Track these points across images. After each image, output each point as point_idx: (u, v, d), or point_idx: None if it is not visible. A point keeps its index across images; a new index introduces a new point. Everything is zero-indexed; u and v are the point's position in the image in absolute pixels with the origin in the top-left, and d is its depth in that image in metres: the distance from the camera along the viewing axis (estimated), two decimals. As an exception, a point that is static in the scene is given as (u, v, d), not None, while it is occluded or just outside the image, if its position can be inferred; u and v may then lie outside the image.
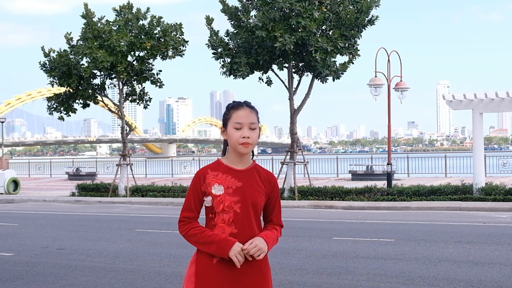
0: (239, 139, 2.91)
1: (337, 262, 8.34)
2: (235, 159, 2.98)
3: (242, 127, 2.92)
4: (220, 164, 2.98)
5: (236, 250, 2.83)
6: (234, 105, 3.02)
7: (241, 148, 2.92)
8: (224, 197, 2.90)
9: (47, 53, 21.79)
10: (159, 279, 7.40)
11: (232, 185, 2.92)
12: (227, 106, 3.06)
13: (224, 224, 2.90)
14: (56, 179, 36.23)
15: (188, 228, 2.93)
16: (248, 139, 2.92)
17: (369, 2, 18.05)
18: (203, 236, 2.88)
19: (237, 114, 2.95)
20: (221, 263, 2.88)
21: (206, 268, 2.89)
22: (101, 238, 11.38)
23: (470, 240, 10.21)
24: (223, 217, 2.90)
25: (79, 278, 7.58)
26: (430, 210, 15.86)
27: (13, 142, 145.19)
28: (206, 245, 2.86)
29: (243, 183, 2.93)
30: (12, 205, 20.97)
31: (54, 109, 22.42)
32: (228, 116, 2.99)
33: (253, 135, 2.94)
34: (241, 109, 2.96)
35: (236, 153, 2.96)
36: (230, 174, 2.94)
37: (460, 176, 24.35)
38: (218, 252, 2.85)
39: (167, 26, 21.41)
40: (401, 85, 21.23)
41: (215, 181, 2.91)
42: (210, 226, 2.94)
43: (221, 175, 2.93)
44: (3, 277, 7.70)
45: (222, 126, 3.02)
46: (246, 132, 2.92)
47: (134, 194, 21.62)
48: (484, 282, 6.94)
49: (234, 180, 2.93)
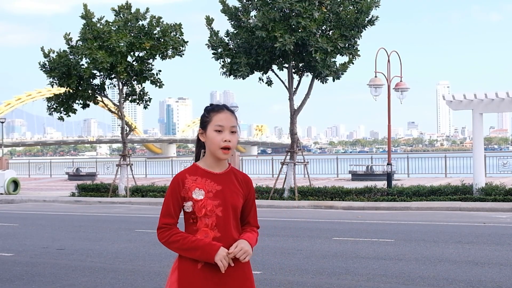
0: (220, 143, 2.89)
1: (337, 262, 8.34)
2: (212, 163, 2.96)
3: (223, 130, 2.91)
4: (197, 168, 2.95)
5: (222, 255, 2.82)
6: (214, 107, 2.99)
7: (220, 154, 2.91)
8: (205, 202, 2.88)
9: (46, 53, 21.80)
10: (159, 279, 7.40)
11: (212, 189, 2.90)
12: (205, 108, 3.03)
13: (207, 228, 2.89)
14: (56, 179, 36.23)
15: (169, 234, 2.89)
16: (229, 142, 2.91)
17: (369, 3, 18.05)
18: (186, 242, 2.85)
19: (218, 117, 2.93)
20: (206, 268, 2.86)
21: (191, 273, 2.87)
22: (101, 238, 11.39)
23: (470, 240, 10.22)
24: (205, 221, 2.88)
25: (79, 278, 7.58)
26: (430, 211, 15.86)
27: (13, 142, 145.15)
28: (190, 251, 2.84)
29: (222, 187, 2.92)
30: (12, 205, 20.97)
31: (54, 109, 22.42)
32: (208, 118, 2.96)
33: (234, 138, 2.93)
34: (222, 112, 2.95)
35: (214, 157, 2.95)
36: (209, 178, 2.92)
37: (460, 177, 24.35)
38: (202, 257, 2.83)
39: (167, 26, 21.41)
40: (401, 85, 21.23)
41: (195, 186, 2.89)
42: (191, 231, 2.91)
43: (200, 179, 2.91)
44: (3, 277, 7.70)
45: (201, 128, 2.98)
46: (227, 135, 2.91)
47: (134, 194, 21.62)
48: (484, 282, 6.95)
49: (213, 183, 2.92)
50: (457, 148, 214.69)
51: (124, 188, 21.87)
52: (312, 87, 19.56)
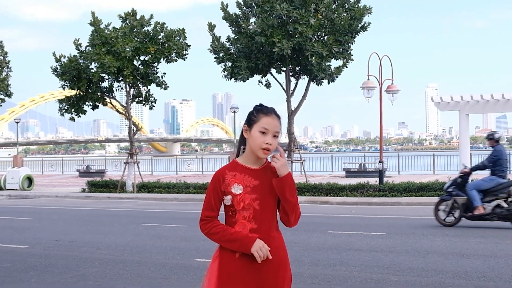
0: (262, 144, 2.92)
1: (332, 255, 8.35)
2: (251, 160, 2.99)
3: (267, 133, 2.93)
4: (237, 165, 2.99)
5: (258, 246, 2.87)
6: (263, 109, 2.99)
7: (261, 153, 2.94)
8: (243, 196, 2.91)
9: (58, 58, 21.82)
10: (165, 271, 7.40)
11: (250, 184, 2.93)
12: (255, 107, 3.02)
13: (245, 220, 2.93)
14: (68, 176, 36.21)
15: (210, 226, 2.94)
16: (270, 145, 2.94)
17: (362, 10, 18.06)
18: (226, 234, 2.90)
19: (265, 120, 2.94)
20: (243, 257, 2.91)
21: (230, 262, 2.92)
22: (110, 231, 11.38)
23: (456, 233, 10.22)
24: (243, 214, 2.93)
25: (89, 269, 7.59)
26: (419, 205, 15.85)
27: (28, 142, 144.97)
28: (229, 242, 2.90)
29: (259, 181, 2.95)
30: (27, 200, 20.97)
31: (65, 110, 22.43)
32: (256, 118, 2.96)
33: (275, 142, 2.97)
34: (269, 116, 2.96)
35: (254, 154, 2.97)
36: (247, 174, 2.95)
37: (448, 173, 24.37)
38: (241, 248, 2.89)
39: (171, 32, 21.40)
40: (392, 87, 21.22)
41: (234, 181, 2.93)
42: (230, 222, 2.96)
43: (239, 175, 2.94)
44: (18, 268, 7.71)
45: (246, 125, 2.99)
46: (270, 139, 2.93)
47: (141, 190, 21.62)
48: (470, 272, 6.95)
49: (251, 179, 2.95)
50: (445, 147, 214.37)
51: (132, 185, 21.87)
52: (308, 89, 19.58)
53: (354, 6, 18.38)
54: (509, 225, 10.83)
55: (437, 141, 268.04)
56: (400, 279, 6.71)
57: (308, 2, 17.85)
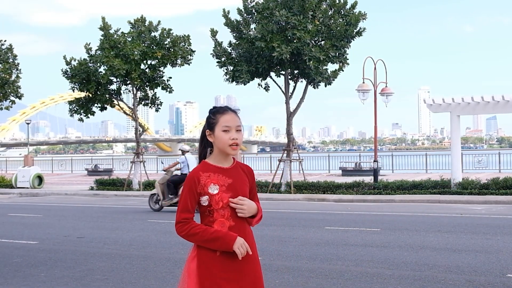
0: (228, 141, 2.89)
1: (328, 249, 8.33)
2: (221, 159, 2.95)
3: (230, 130, 2.90)
4: (209, 165, 2.94)
5: (239, 243, 2.83)
6: (219, 109, 2.97)
7: (230, 150, 2.90)
8: (221, 195, 2.87)
9: (68, 61, 21.81)
10: (169, 265, 7.39)
11: (224, 183, 2.89)
12: (210, 110, 3.00)
13: (224, 218, 2.88)
14: (77, 175, 36.20)
15: (188, 227, 2.87)
16: (236, 140, 2.91)
17: (357, 16, 18.05)
18: (206, 233, 2.84)
19: (224, 118, 2.91)
20: (224, 255, 2.86)
21: (210, 261, 2.86)
22: (117, 227, 11.37)
23: (448, 229, 10.21)
24: (222, 212, 2.88)
25: (97, 263, 7.57)
26: (412, 203, 15.84)
27: (38, 142, 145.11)
28: (210, 241, 2.83)
29: (233, 180, 2.92)
30: (37, 198, 20.96)
31: (74, 111, 22.43)
32: (214, 120, 2.93)
33: (239, 136, 2.93)
34: (226, 114, 2.93)
35: (223, 154, 2.94)
36: (220, 173, 2.92)
37: (439, 172, 24.37)
38: (222, 247, 2.83)
39: (176, 38, 21.41)
40: (386, 90, 21.21)
41: (210, 181, 2.88)
42: (208, 222, 2.90)
43: (213, 175, 2.90)
44: (28, 263, 7.70)
45: (208, 130, 2.95)
46: (234, 134, 2.90)
47: (147, 188, 21.59)
48: (461, 267, 6.94)
49: (225, 178, 2.91)
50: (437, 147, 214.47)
51: (138, 183, 21.86)
52: (306, 92, 19.55)
53: (349, 12, 18.37)
54: (499, 221, 10.80)
55: (429, 141, 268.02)
56: (394, 273, 6.69)
57: (306, 9, 17.85)
